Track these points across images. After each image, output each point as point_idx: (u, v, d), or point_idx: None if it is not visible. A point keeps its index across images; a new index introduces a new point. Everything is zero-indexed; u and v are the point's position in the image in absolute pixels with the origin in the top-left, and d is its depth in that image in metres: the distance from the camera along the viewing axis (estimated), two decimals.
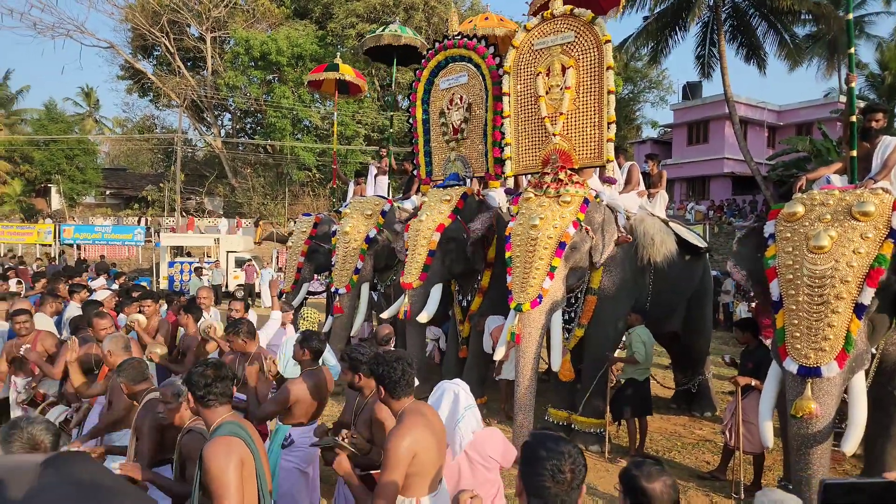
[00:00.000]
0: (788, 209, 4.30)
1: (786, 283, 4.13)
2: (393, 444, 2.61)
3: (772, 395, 4.38)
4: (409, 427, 2.68)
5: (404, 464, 2.59)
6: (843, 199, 4.14)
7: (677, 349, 8.49)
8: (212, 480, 2.35)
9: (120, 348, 3.90)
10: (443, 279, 7.38)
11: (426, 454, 2.67)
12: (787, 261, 4.15)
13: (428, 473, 2.72)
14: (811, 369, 3.92)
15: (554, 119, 6.37)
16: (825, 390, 3.90)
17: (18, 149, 33.15)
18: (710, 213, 28.01)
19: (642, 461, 2.08)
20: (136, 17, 33.43)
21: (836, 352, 3.87)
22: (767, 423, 4.38)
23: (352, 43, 30.28)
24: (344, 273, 8.50)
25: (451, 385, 3.38)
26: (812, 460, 3.93)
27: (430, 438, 2.72)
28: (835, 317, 3.87)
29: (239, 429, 2.58)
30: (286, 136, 31.93)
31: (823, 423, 3.91)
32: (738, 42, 23.37)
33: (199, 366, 2.70)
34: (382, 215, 8.77)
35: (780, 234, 4.31)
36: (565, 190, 5.73)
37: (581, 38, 6.18)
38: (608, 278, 6.69)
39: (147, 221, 31.15)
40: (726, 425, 5.69)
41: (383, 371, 2.84)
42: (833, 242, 3.96)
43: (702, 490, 5.62)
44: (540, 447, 2.01)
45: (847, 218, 4.04)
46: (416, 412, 2.79)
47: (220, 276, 19.98)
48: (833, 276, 3.89)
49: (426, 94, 8.40)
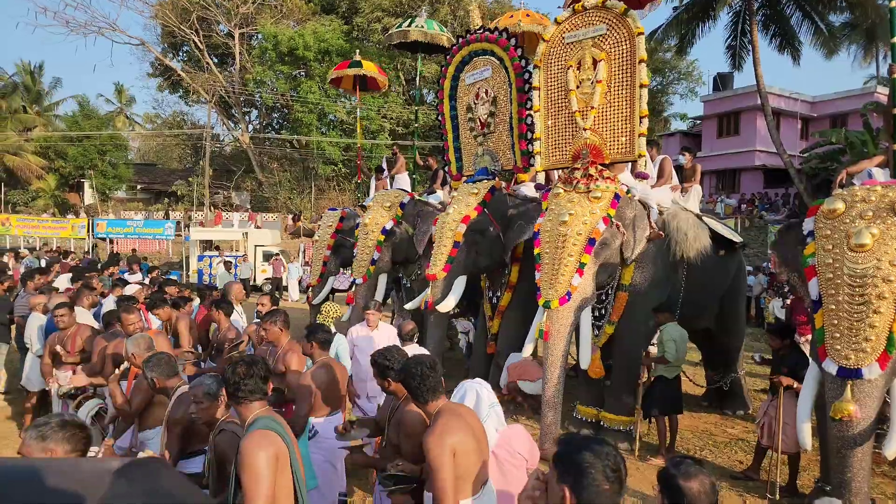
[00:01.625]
0: (828, 206, 4.19)
1: (826, 281, 4.03)
2: (431, 445, 2.58)
3: (810, 395, 4.29)
4: (443, 427, 2.64)
5: (449, 463, 2.54)
6: (885, 195, 4.01)
7: (709, 347, 8.36)
8: (245, 471, 2.38)
9: (143, 349, 3.94)
10: (467, 271, 7.36)
11: (465, 455, 2.62)
12: (827, 259, 4.05)
13: (469, 475, 2.67)
14: (851, 370, 3.83)
15: (585, 113, 6.28)
16: (866, 392, 3.81)
17: (53, 145, 33.92)
18: (742, 207, 27.51)
19: (681, 460, 2.04)
20: (166, 14, 33.97)
21: (877, 353, 3.78)
22: (806, 425, 4.30)
23: (377, 37, 30.40)
24: (362, 264, 8.57)
25: (474, 384, 3.36)
26: (852, 463, 3.84)
27: (469, 439, 2.67)
28: (876, 317, 3.77)
29: (273, 423, 2.60)
30: (312, 130, 32.19)
31: (864, 426, 3.83)
32: (771, 31, 22.85)
33: (232, 363, 2.72)
34: (401, 207, 8.79)
35: (819, 231, 4.20)
36: (595, 185, 5.65)
37: (613, 31, 6.08)
38: (640, 274, 6.59)
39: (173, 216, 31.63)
40: (759, 424, 5.59)
41: (404, 379, 2.83)
42: (875, 240, 3.85)
43: (735, 490, 5.54)
44: (586, 452, 1.88)
45: (890, 214, 3.92)
46: (451, 413, 2.76)
47: (248, 269, 20.23)
48: (875, 276, 3.79)
49: (453, 91, 8.46)
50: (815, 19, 22.39)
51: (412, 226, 8.49)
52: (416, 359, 2.89)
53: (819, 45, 23.00)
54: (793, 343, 5.67)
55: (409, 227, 8.54)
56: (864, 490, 3.85)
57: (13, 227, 22.23)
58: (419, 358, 2.90)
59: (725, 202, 28.14)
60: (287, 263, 20.73)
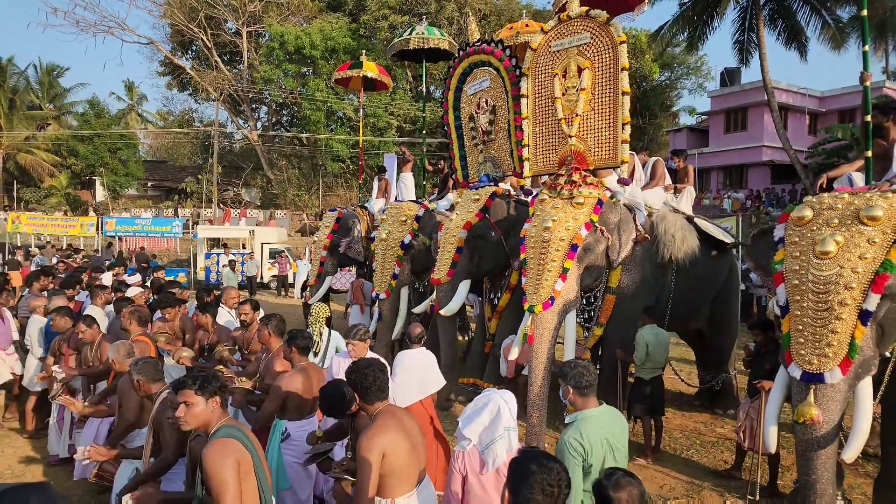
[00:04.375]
0: (797, 213, 4.26)
1: (792, 287, 4.10)
2: (361, 447, 2.75)
3: (779, 399, 4.37)
4: (376, 430, 2.81)
5: (375, 464, 2.71)
6: (851, 203, 4.07)
7: (702, 347, 8.43)
8: (210, 480, 2.51)
9: (122, 356, 4.12)
10: (471, 275, 7.50)
11: (397, 455, 2.79)
12: (794, 266, 4.13)
13: (402, 473, 2.83)
14: (814, 375, 3.90)
15: (570, 120, 6.39)
16: (828, 396, 3.88)
17: (65, 142, 34.36)
18: (748, 203, 27.40)
19: (613, 471, 2.22)
20: (174, 13, 34.25)
21: (839, 358, 3.84)
22: (773, 428, 4.37)
23: (384, 35, 30.50)
24: (384, 279, 8.73)
25: (500, 399, 3.25)
26: (816, 465, 3.91)
27: (402, 439, 2.84)
28: (838, 323, 3.84)
29: (235, 430, 2.74)
30: (320, 128, 32.40)
31: (827, 429, 3.89)
32: (779, 26, 22.71)
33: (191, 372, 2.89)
34: (417, 220, 8.94)
35: (788, 238, 4.27)
36: (578, 191, 5.74)
37: (597, 40, 6.17)
38: (627, 277, 6.70)
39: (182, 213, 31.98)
40: (740, 426, 5.69)
41: (355, 378, 2.98)
42: (839, 247, 3.91)
43: (716, 490, 5.63)
44: (530, 462, 2.14)
45: (854, 222, 3.97)
46: (387, 414, 2.93)
47: (254, 267, 20.45)
48: (837, 282, 3.85)
49: (456, 101, 8.75)
50: (823, 14, 22.23)
51: (428, 237, 8.65)
52: (368, 361, 3.09)
53: (827, 40, 22.81)
54: (775, 339, 5.74)
55: (425, 238, 8.70)
56: (829, 492, 3.92)
57: (23, 225, 22.57)
58: (370, 361, 3.10)
59: (733, 196, 28.04)
60: (295, 261, 20.93)
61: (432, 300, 7.47)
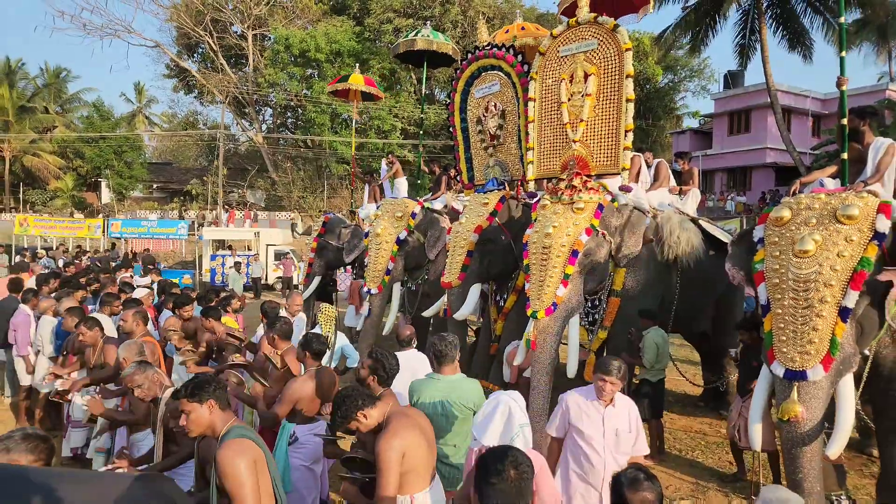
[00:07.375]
0: (775, 213, 4.35)
1: (773, 286, 4.18)
2: (382, 447, 2.83)
3: (763, 397, 4.42)
4: (395, 429, 2.90)
5: (396, 464, 2.80)
6: (828, 203, 4.16)
7: (707, 348, 8.47)
8: (228, 481, 2.55)
9: (134, 355, 4.20)
10: (481, 279, 7.52)
11: (415, 452, 2.90)
12: (774, 265, 4.21)
13: (420, 470, 2.94)
14: (797, 373, 3.96)
15: (574, 125, 6.44)
16: (811, 394, 3.94)
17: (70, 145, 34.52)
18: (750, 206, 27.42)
19: (634, 470, 2.30)
20: (180, 16, 34.44)
21: (821, 355, 3.91)
22: (757, 426, 4.41)
23: (389, 38, 30.61)
24: (376, 274, 8.80)
25: (508, 399, 3.24)
26: (802, 463, 3.96)
27: (419, 437, 2.95)
28: (819, 320, 3.91)
29: (246, 431, 2.82)
30: (325, 130, 32.52)
31: (811, 426, 3.94)
32: (782, 29, 22.74)
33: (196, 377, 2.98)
34: (412, 217, 9.01)
35: (768, 238, 4.37)
36: (579, 197, 5.78)
37: (603, 46, 6.23)
38: (631, 279, 6.73)
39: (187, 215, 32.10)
40: (734, 426, 5.74)
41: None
42: (818, 246, 4.00)
43: (721, 490, 5.69)
44: (489, 455, 2.26)
45: (832, 221, 4.06)
46: (400, 415, 3.04)
47: (259, 269, 20.51)
48: (817, 280, 3.93)
49: (463, 104, 8.70)
50: (827, 16, 22.26)
51: (423, 234, 8.73)
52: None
53: (831, 43, 22.85)
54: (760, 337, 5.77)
55: (420, 235, 8.78)
56: (816, 489, 3.96)
57: (31, 227, 22.71)
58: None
59: (737, 199, 28.06)
60: (298, 262, 20.99)
61: (444, 303, 7.50)
